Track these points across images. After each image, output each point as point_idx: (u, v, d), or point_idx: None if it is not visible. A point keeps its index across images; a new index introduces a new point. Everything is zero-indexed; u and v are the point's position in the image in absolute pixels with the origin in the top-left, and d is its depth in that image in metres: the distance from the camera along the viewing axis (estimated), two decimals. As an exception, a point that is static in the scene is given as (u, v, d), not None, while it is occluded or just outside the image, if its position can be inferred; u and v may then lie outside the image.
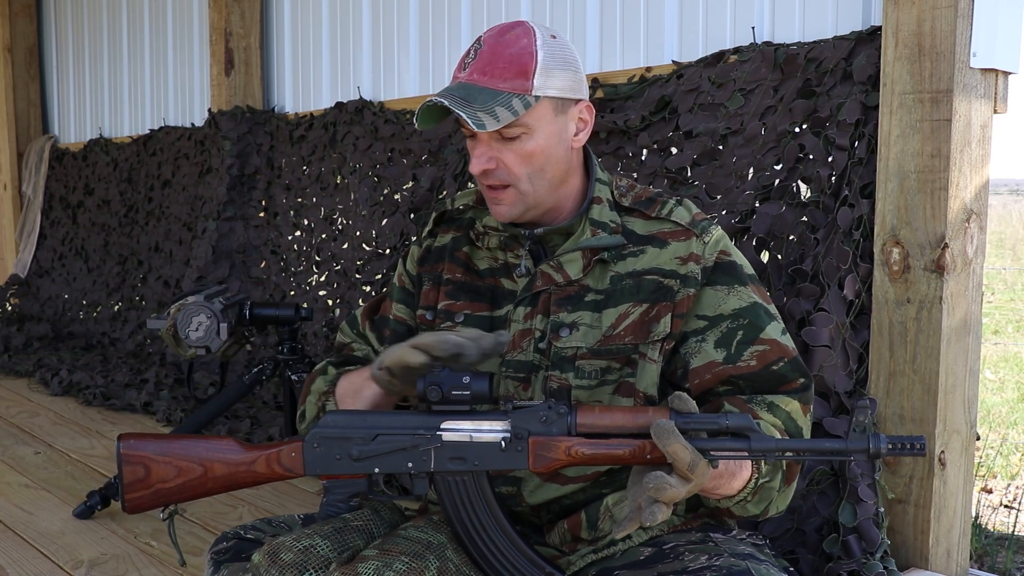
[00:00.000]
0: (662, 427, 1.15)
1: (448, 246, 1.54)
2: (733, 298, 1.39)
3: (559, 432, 1.23)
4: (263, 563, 1.23)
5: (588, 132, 1.44)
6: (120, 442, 1.33)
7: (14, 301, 5.29)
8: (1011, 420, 3.95)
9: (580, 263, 1.42)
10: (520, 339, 1.43)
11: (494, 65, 1.35)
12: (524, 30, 1.37)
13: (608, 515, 1.40)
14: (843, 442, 1.15)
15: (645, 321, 1.39)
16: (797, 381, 1.39)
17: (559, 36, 1.40)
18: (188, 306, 2.37)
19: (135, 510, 1.33)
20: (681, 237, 1.41)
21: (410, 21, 3.35)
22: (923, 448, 1.12)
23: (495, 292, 1.48)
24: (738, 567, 1.24)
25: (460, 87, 1.36)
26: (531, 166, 1.38)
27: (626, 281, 1.41)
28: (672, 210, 1.44)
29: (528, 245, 1.45)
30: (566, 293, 1.42)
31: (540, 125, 1.37)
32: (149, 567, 2.10)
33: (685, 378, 1.40)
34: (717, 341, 1.38)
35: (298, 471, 1.31)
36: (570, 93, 1.39)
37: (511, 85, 1.34)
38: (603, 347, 1.39)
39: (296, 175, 3.72)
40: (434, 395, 1.24)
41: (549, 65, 1.36)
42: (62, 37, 5.52)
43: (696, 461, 1.13)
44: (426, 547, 1.27)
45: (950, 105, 1.80)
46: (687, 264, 1.40)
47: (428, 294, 1.54)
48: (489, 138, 1.38)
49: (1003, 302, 7.54)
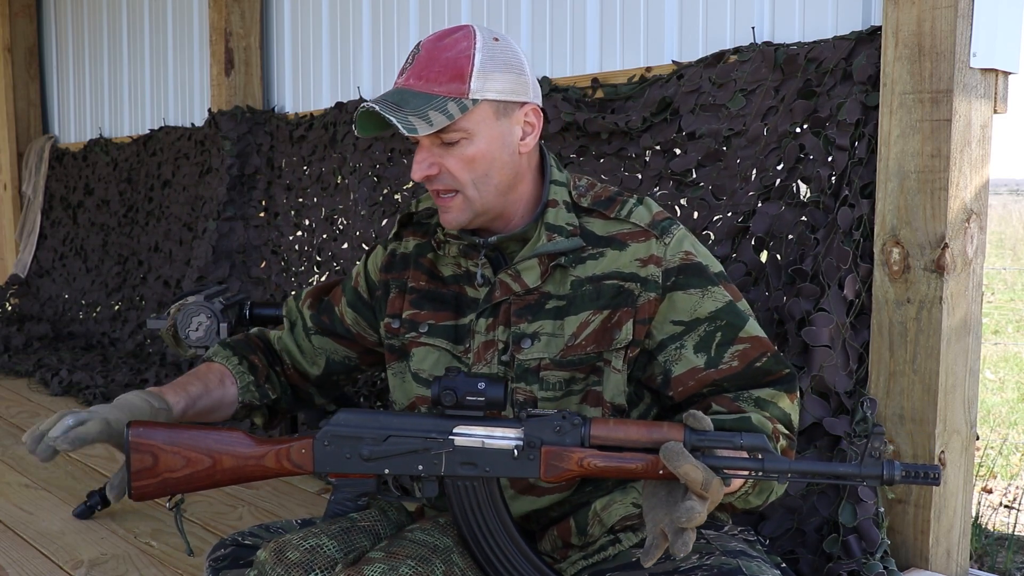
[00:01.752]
0: (670, 449, 1.14)
1: (412, 253, 1.53)
2: (708, 300, 1.37)
3: (572, 443, 1.22)
4: (269, 560, 1.23)
5: (536, 135, 1.40)
6: (129, 429, 1.31)
7: (14, 301, 5.29)
8: (1011, 420, 3.95)
9: (537, 270, 1.39)
10: (484, 351, 1.42)
11: (430, 69, 1.32)
12: (464, 33, 1.35)
13: (597, 520, 1.39)
14: (857, 467, 1.15)
15: (607, 328, 1.37)
16: (782, 372, 1.38)
17: (503, 38, 1.37)
18: (188, 306, 2.37)
19: (141, 498, 1.32)
20: (640, 238, 1.39)
21: (410, 21, 3.35)
22: (937, 478, 1.12)
23: (459, 300, 1.46)
24: (729, 565, 1.24)
25: (395, 92, 1.34)
26: (474, 171, 1.35)
27: (586, 287, 1.38)
28: (632, 210, 1.41)
29: (485, 253, 1.43)
30: (526, 302, 1.40)
31: (480, 129, 1.34)
32: (149, 567, 2.10)
33: (667, 386, 1.38)
34: (696, 346, 1.36)
35: (307, 468, 1.31)
36: (512, 96, 1.35)
37: (446, 89, 1.31)
38: (565, 358, 1.37)
39: (296, 175, 3.71)
40: (448, 400, 1.24)
41: (487, 68, 1.32)
42: (62, 37, 5.52)
43: (709, 480, 1.13)
44: (432, 550, 1.27)
45: (950, 105, 1.80)
46: (647, 266, 1.37)
47: (394, 302, 1.52)
48: (430, 144, 1.35)
49: (1003, 302, 7.54)
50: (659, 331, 1.38)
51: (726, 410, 1.35)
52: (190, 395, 1.48)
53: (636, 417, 1.42)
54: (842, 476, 1.16)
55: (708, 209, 2.21)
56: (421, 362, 1.47)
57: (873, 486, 1.29)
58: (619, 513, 1.38)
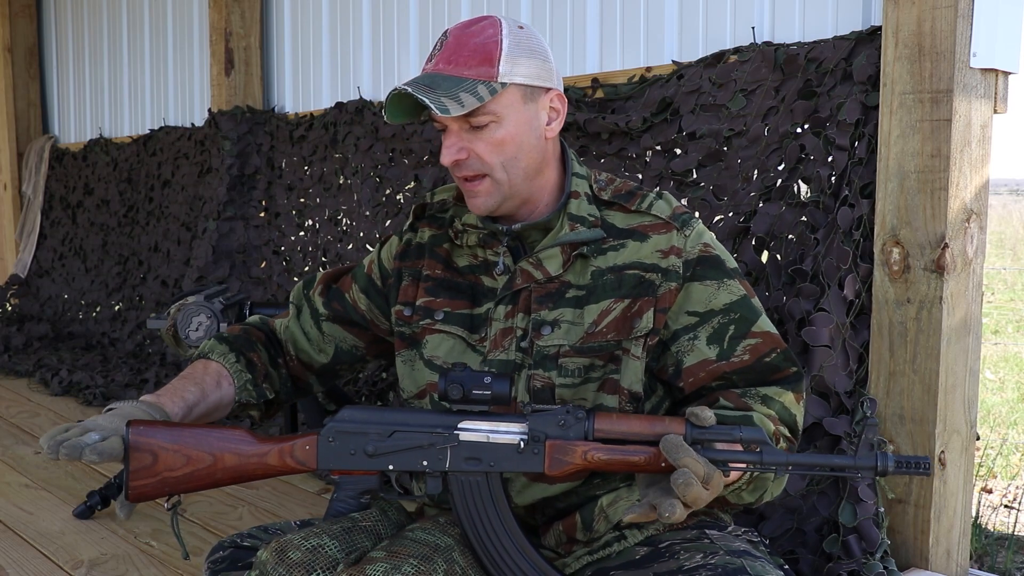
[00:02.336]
0: (671, 442, 1.17)
1: (427, 243, 1.54)
2: (723, 293, 1.39)
3: (576, 436, 1.24)
4: (270, 560, 1.23)
5: (561, 121, 1.43)
6: (129, 428, 1.30)
7: (14, 301, 5.29)
8: (1011, 420, 3.94)
9: (559, 259, 1.41)
10: (502, 338, 1.42)
11: (459, 54, 1.35)
12: (490, 22, 1.38)
13: (603, 516, 1.39)
14: (851, 459, 1.19)
15: (627, 317, 1.38)
16: (789, 370, 1.40)
17: (527, 27, 1.41)
18: (188, 306, 2.37)
19: (139, 498, 1.31)
20: (662, 230, 1.41)
21: (410, 21, 3.35)
22: (928, 468, 1.17)
23: (475, 289, 1.47)
24: (733, 565, 1.24)
25: (425, 76, 1.36)
26: (503, 154, 1.37)
27: (607, 276, 1.40)
28: (652, 203, 1.44)
29: (507, 242, 1.44)
30: (546, 290, 1.42)
31: (509, 113, 1.36)
32: (149, 567, 2.10)
33: (678, 376, 1.40)
34: (709, 337, 1.38)
35: (311, 465, 1.30)
36: (538, 81, 1.39)
37: (476, 72, 1.34)
38: (585, 344, 1.39)
39: (297, 175, 3.72)
40: (455, 394, 1.24)
41: (515, 53, 1.36)
42: (62, 37, 5.52)
43: (710, 473, 1.16)
44: (434, 549, 1.27)
45: (950, 105, 1.80)
46: (668, 257, 1.39)
47: (407, 290, 1.53)
48: (459, 129, 1.37)
49: (1003, 302, 7.54)
50: (674, 322, 1.40)
51: (732, 405, 1.37)
52: (187, 402, 1.47)
53: (649, 409, 1.43)
54: (838, 468, 1.19)
55: (709, 209, 2.21)
56: (436, 349, 1.47)
57: (868, 477, 1.31)
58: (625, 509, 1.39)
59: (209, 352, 1.58)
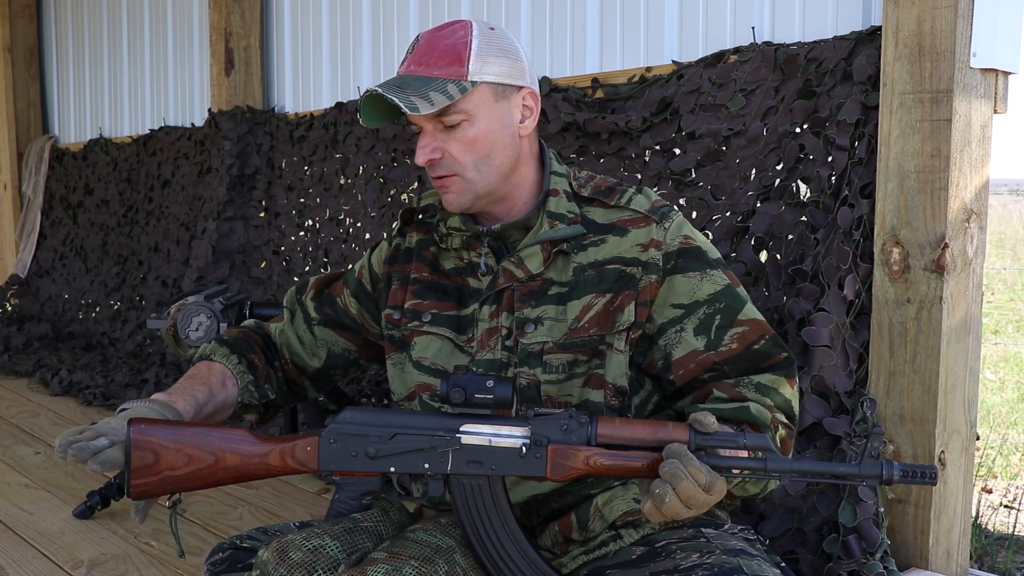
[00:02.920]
0: (674, 451, 1.17)
1: (415, 247, 1.56)
2: (707, 283, 1.40)
3: (579, 441, 1.24)
4: (271, 560, 1.23)
5: (535, 119, 1.44)
6: (130, 427, 1.30)
7: (14, 301, 5.29)
8: (1011, 420, 3.94)
9: (540, 257, 1.42)
10: (488, 338, 1.44)
11: (429, 56, 1.37)
12: (461, 24, 1.40)
13: (599, 515, 1.39)
14: (856, 467, 1.18)
15: (610, 311, 1.39)
16: (780, 356, 1.40)
17: (499, 28, 1.43)
18: (188, 306, 2.37)
19: (140, 496, 1.31)
20: (641, 224, 1.42)
21: (410, 21, 3.35)
22: (934, 477, 1.15)
23: (461, 291, 1.49)
24: (729, 564, 1.24)
25: (397, 78, 1.38)
26: (476, 153, 1.39)
27: (588, 272, 1.41)
28: (631, 198, 1.45)
29: (488, 242, 1.45)
30: (529, 288, 1.43)
31: (480, 111, 1.38)
32: (149, 567, 2.10)
33: (668, 370, 1.40)
34: (696, 328, 1.39)
35: (312, 466, 1.30)
36: (510, 79, 1.40)
37: (446, 72, 1.36)
38: (569, 340, 1.40)
39: (298, 175, 3.71)
40: (458, 397, 1.24)
41: (484, 52, 1.37)
42: (62, 37, 5.52)
43: (713, 481, 1.16)
44: (435, 551, 1.27)
45: (950, 105, 1.80)
46: (648, 251, 1.40)
47: (396, 294, 1.54)
48: (433, 129, 1.39)
49: (1003, 302, 7.54)
50: (659, 315, 1.40)
51: (727, 396, 1.37)
52: (198, 401, 1.48)
53: (637, 403, 1.44)
54: (842, 476, 1.19)
55: (708, 209, 2.21)
56: (423, 350, 1.48)
57: (872, 486, 1.31)
58: (620, 509, 1.39)
59: (211, 354, 1.58)
